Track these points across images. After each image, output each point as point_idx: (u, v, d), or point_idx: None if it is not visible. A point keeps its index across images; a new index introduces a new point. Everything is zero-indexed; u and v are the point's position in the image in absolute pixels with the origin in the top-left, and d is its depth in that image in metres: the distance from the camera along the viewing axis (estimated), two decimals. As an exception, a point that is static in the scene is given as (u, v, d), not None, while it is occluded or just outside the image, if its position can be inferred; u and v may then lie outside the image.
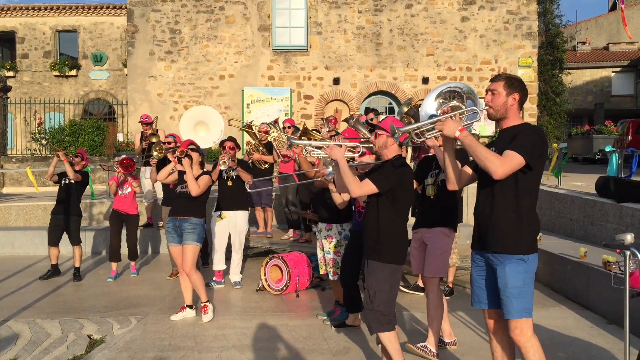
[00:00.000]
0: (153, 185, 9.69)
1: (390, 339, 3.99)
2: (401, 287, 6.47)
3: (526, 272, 3.30)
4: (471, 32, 16.41)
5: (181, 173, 6.06)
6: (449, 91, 4.74)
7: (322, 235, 5.80)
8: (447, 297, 6.30)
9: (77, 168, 8.06)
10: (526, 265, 3.30)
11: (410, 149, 6.33)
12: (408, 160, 5.91)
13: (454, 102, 4.61)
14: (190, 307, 6.07)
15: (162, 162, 7.34)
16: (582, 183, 10.28)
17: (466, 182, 3.61)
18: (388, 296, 3.99)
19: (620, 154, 8.58)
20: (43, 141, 16.41)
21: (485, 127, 15.38)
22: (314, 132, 7.23)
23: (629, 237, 3.67)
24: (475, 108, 3.53)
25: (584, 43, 35.96)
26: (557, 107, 19.00)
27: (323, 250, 5.83)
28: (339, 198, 5.20)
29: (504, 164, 3.18)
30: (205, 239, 7.44)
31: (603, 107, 32.14)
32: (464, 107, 4.57)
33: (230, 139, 7.30)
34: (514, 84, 3.43)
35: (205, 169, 6.34)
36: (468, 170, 3.59)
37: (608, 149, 9.00)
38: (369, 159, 4.65)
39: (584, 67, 33.80)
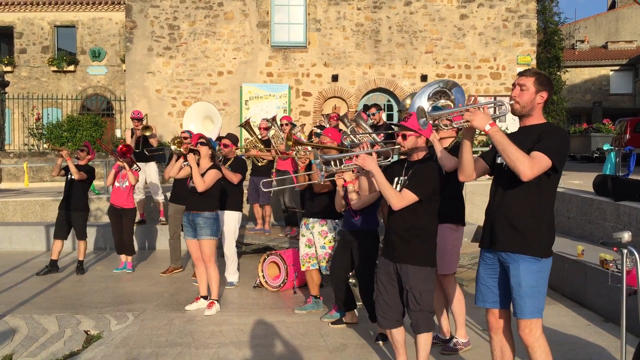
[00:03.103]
0: (145, 181, 9.73)
1: (428, 341, 4.00)
2: None
3: (540, 272, 3.26)
4: (470, 30, 16.39)
5: None
6: (436, 92, 4.71)
7: (314, 230, 5.73)
8: None
9: (82, 163, 8.09)
10: (540, 265, 3.26)
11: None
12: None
13: (442, 101, 4.59)
14: (205, 297, 6.19)
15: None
16: (580, 181, 10.29)
17: (479, 174, 3.52)
18: (432, 296, 4.00)
19: (618, 153, 8.59)
20: (45, 145, 16.43)
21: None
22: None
23: (626, 236, 3.67)
24: (503, 101, 3.39)
25: (582, 41, 36.00)
26: (554, 106, 19.01)
27: (311, 247, 5.79)
28: (339, 203, 5.23)
29: (534, 166, 3.08)
30: None
31: (601, 105, 32.20)
32: (452, 105, 4.54)
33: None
34: (545, 82, 3.32)
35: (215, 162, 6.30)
36: (482, 163, 3.52)
37: (606, 147, 9.01)
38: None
39: (582, 65, 33.83)
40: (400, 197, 3.85)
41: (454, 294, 4.76)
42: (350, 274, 6.68)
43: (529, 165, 3.07)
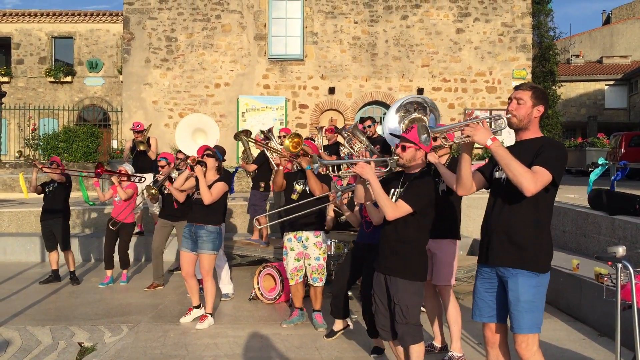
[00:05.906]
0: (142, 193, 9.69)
1: (420, 353, 3.97)
2: None
3: (538, 287, 3.25)
4: (466, 44, 16.51)
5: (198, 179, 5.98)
6: (409, 103, 4.71)
7: (309, 242, 5.75)
8: None
9: (55, 177, 8.09)
10: (538, 279, 3.25)
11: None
12: None
13: (416, 114, 4.58)
14: (197, 307, 6.14)
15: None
16: (575, 195, 10.32)
17: (478, 188, 3.53)
18: (419, 309, 4.03)
19: (613, 167, 8.64)
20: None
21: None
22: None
23: (621, 250, 3.68)
24: (500, 115, 3.33)
25: (577, 56, 36.24)
26: (549, 120, 19.10)
27: (300, 260, 5.79)
28: (356, 220, 5.19)
29: (537, 181, 3.06)
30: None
31: (596, 120, 32.39)
32: (425, 119, 4.54)
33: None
34: (541, 96, 3.31)
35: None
36: (480, 177, 3.52)
37: (601, 161, 9.05)
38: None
39: (577, 80, 34.04)
40: (395, 208, 3.85)
41: (452, 305, 4.79)
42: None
43: (532, 180, 3.05)
